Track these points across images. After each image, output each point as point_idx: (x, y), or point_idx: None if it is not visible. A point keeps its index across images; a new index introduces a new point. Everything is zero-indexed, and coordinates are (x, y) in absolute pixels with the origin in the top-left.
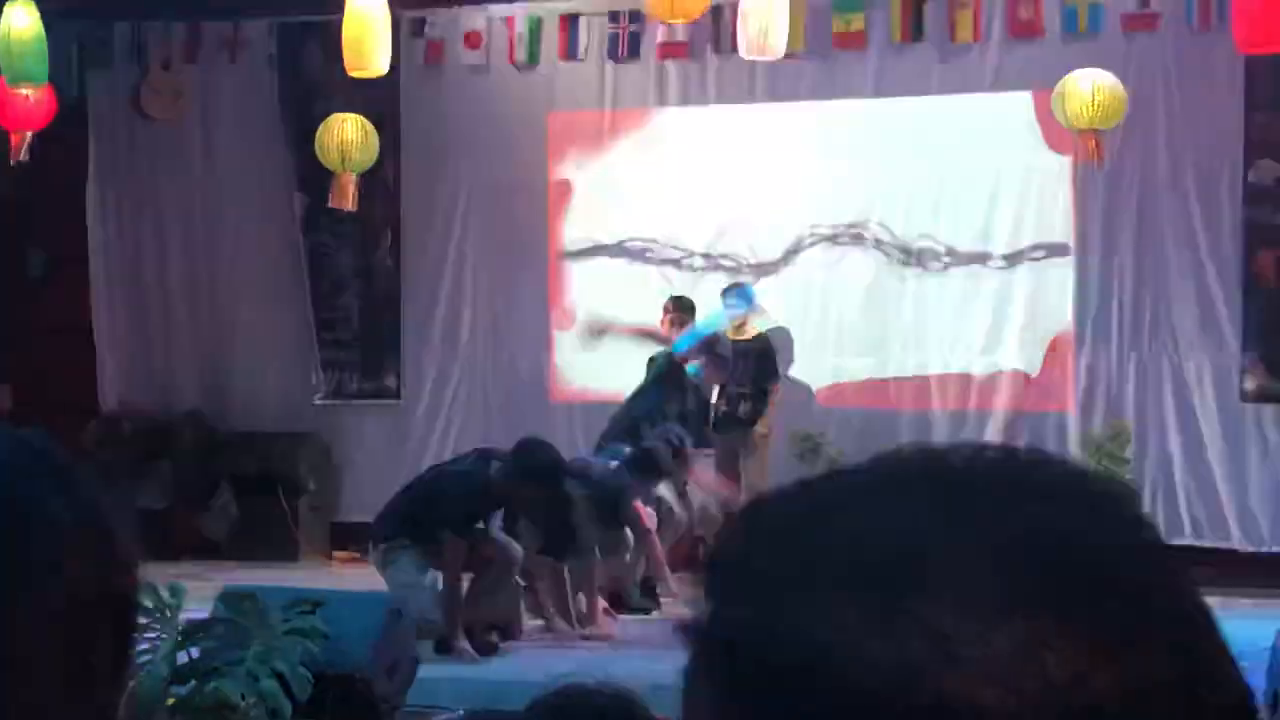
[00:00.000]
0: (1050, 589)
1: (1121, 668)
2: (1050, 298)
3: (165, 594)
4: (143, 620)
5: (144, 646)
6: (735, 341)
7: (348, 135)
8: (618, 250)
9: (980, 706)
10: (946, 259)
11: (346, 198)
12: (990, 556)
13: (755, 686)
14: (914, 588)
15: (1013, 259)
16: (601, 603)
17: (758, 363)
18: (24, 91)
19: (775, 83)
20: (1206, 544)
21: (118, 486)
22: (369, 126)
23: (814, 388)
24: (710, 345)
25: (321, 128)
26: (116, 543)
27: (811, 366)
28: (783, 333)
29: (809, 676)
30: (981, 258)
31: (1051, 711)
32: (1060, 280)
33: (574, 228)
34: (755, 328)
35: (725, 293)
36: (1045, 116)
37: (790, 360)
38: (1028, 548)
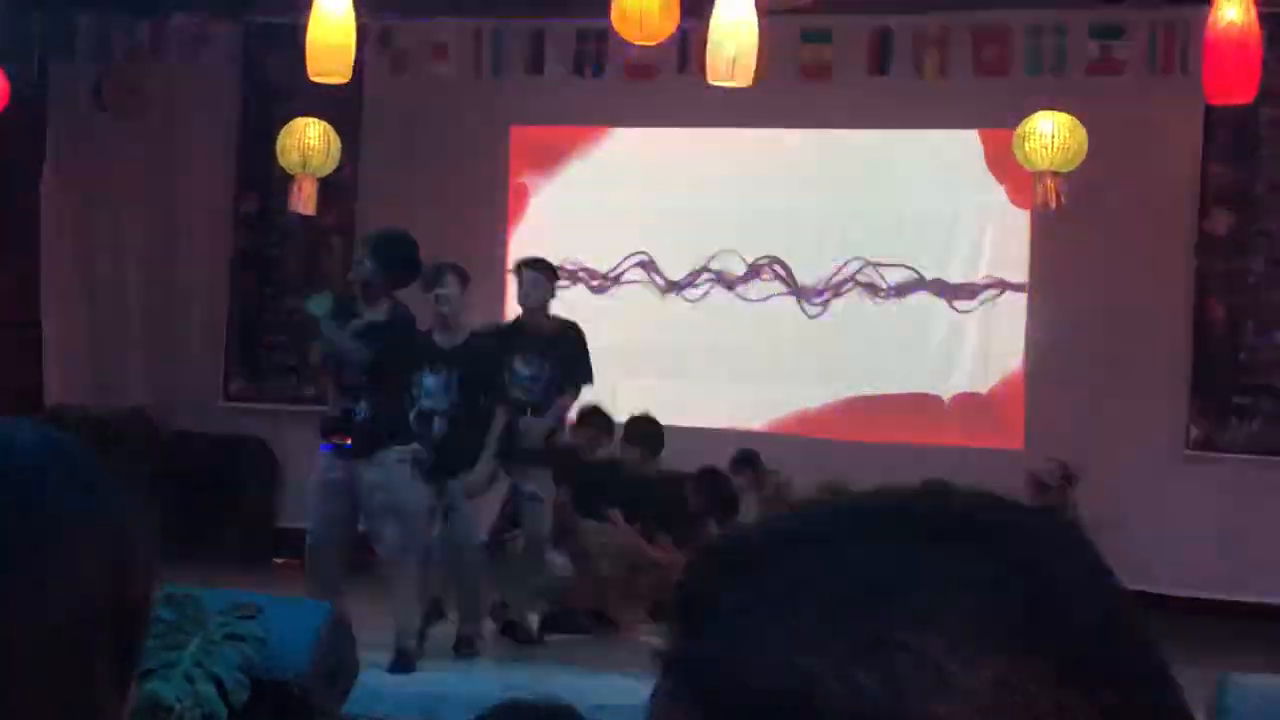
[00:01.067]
0: (1031, 623)
1: (1100, 701)
2: (1002, 335)
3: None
4: None
5: None
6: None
7: (310, 139)
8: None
9: None
10: (899, 293)
11: (305, 202)
12: (969, 592)
13: (739, 714)
14: (898, 619)
15: (966, 295)
16: None
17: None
18: None
19: (740, 109)
20: (1145, 589)
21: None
22: (332, 133)
23: (758, 418)
24: None
25: (284, 130)
26: (135, 554)
27: (755, 397)
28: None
29: (795, 704)
30: (935, 292)
31: None
32: (1013, 318)
33: (526, 242)
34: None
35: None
36: (1005, 155)
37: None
38: (1005, 586)
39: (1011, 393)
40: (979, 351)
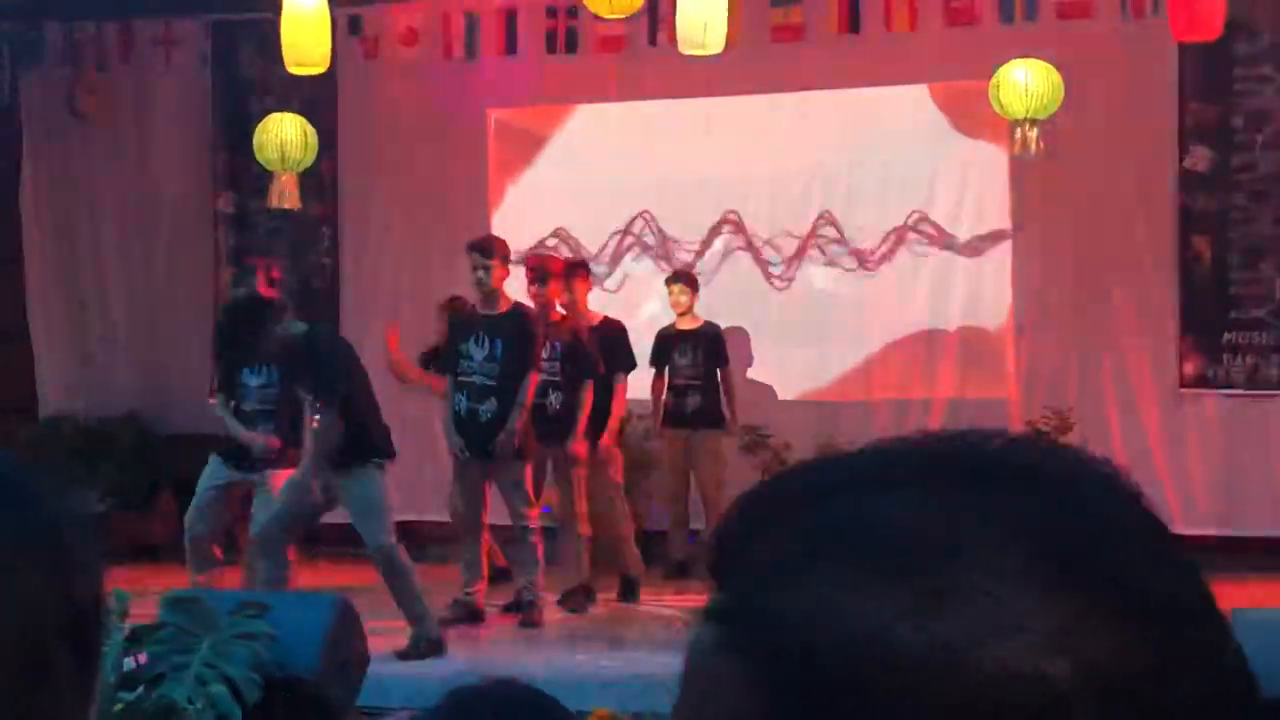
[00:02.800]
0: (1085, 565)
1: (1158, 642)
2: (989, 285)
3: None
4: None
5: None
6: (681, 330)
7: (287, 134)
8: (549, 247)
9: (1046, 675)
10: (885, 249)
11: (288, 197)
12: (1022, 536)
13: (806, 667)
14: (960, 565)
15: (950, 248)
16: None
17: (707, 350)
18: None
19: (714, 77)
20: None
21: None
22: (308, 126)
23: (756, 380)
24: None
25: (259, 127)
26: (77, 558)
27: (754, 360)
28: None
29: (868, 654)
30: (921, 246)
31: (1105, 683)
32: (998, 268)
33: (510, 225)
34: (699, 315)
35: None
36: (982, 105)
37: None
38: (1056, 528)
39: (1001, 341)
40: (966, 302)
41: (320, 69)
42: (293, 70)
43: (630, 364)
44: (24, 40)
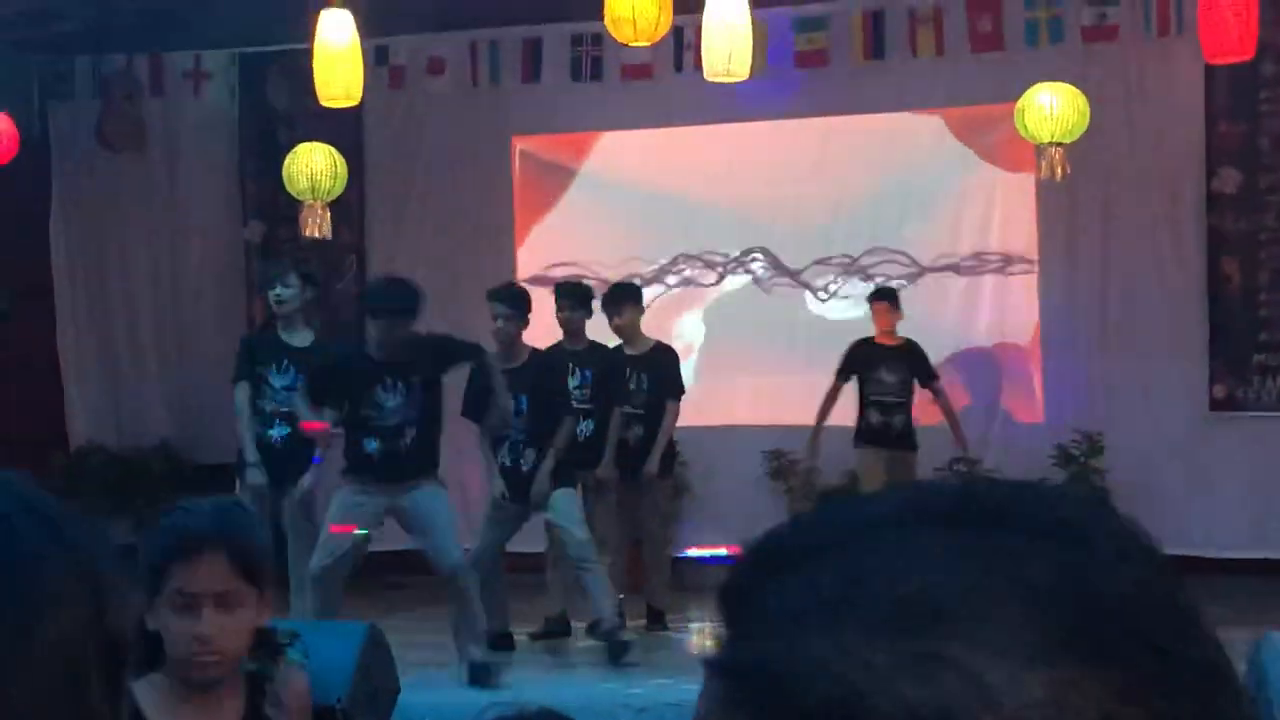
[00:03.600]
0: (1081, 635)
1: (1149, 713)
2: (1016, 309)
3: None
4: None
5: None
6: (884, 346)
7: (317, 164)
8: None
9: None
10: (910, 274)
11: (319, 227)
12: (1022, 600)
13: None
14: (946, 631)
15: (976, 272)
16: None
17: (912, 368)
18: None
19: (739, 103)
20: (1178, 552)
21: (102, 525)
22: (338, 156)
23: (780, 410)
24: None
25: (289, 157)
26: (108, 588)
27: (774, 389)
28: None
29: (843, 715)
30: (945, 272)
31: None
32: (1024, 291)
33: (539, 254)
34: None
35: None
36: (1007, 129)
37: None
38: (1059, 593)
39: (1028, 366)
40: (993, 326)
41: (352, 102)
42: (325, 104)
43: (680, 389)
44: (54, 72)
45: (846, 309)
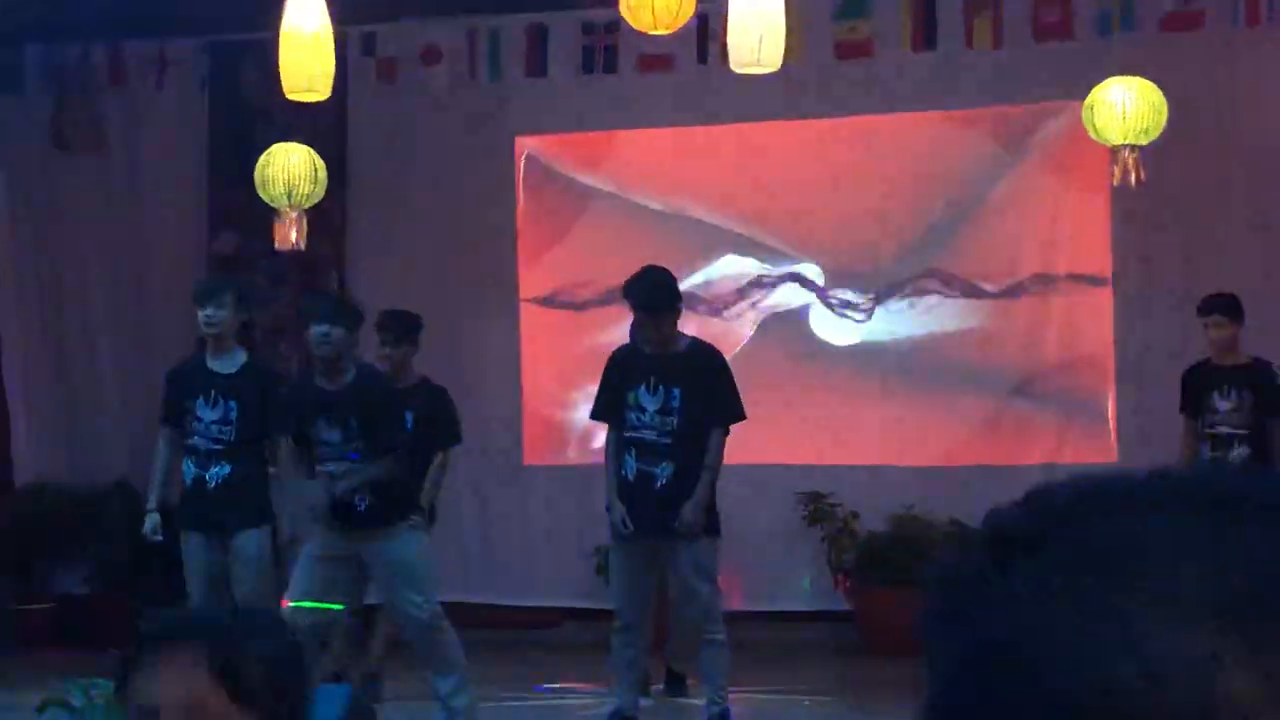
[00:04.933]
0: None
1: None
2: (1087, 333)
3: (79, 696)
4: None
5: None
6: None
7: (294, 168)
8: (606, 294)
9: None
10: (965, 292)
11: (293, 236)
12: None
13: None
14: (1227, 623)
15: (1044, 292)
16: None
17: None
18: None
19: (770, 98)
20: None
21: None
22: (318, 159)
23: (821, 448)
24: None
25: (264, 160)
26: None
27: (817, 412)
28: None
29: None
30: (1009, 291)
31: None
32: (1098, 313)
33: (547, 267)
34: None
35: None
36: (1075, 129)
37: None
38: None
39: (1102, 398)
40: (1060, 353)
41: (321, 96)
42: (291, 97)
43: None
44: (2, 64)
45: (892, 330)
